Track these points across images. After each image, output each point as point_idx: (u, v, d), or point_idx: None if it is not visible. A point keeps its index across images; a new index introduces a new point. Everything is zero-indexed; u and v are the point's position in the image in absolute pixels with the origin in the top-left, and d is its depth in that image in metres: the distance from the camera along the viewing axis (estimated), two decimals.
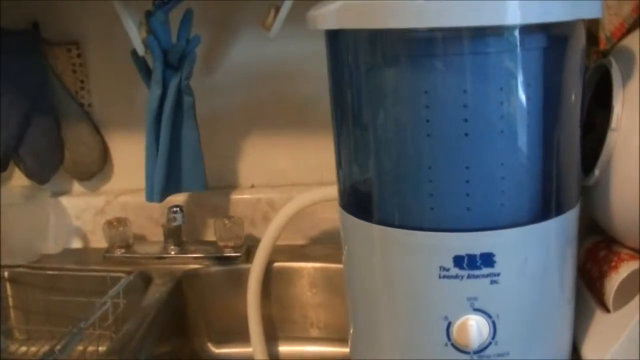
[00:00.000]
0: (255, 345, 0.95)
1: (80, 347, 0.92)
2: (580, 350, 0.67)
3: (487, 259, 0.56)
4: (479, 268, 0.56)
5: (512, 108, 0.56)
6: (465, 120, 0.55)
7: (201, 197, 1.07)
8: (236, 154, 1.10)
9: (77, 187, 1.15)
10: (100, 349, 0.92)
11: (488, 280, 0.56)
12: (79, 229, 1.13)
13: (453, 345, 0.58)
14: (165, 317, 0.93)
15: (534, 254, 0.58)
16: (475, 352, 0.58)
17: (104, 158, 1.12)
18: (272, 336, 1.01)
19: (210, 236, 1.07)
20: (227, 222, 1.01)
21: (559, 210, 0.59)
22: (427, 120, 0.56)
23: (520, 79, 0.56)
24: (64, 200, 1.13)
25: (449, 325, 0.58)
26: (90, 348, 0.93)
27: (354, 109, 0.61)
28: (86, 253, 1.11)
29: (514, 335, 0.59)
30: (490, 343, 0.58)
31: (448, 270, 0.56)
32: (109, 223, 1.05)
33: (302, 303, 1.00)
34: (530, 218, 0.58)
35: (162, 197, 0.98)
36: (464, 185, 0.57)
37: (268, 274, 0.98)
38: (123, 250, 1.05)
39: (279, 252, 0.98)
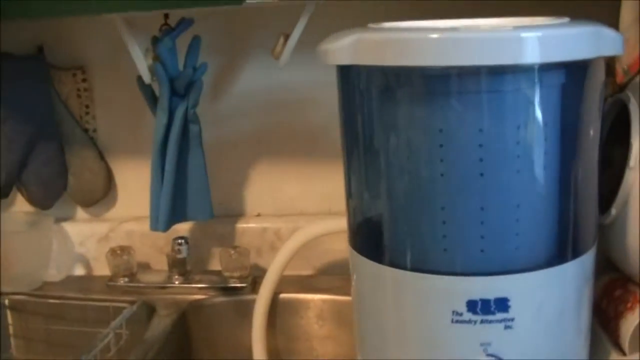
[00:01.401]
0: None
1: None
2: None
3: (502, 304, 0.54)
4: (492, 313, 0.54)
5: (529, 147, 0.54)
6: (481, 159, 0.54)
7: (207, 225, 1.06)
8: (243, 182, 1.08)
9: (80, 213, 1.14)
10: None
11: (502, 325, 0.54)
12: (82, 255, 1.12)
13: None
14: (169, 349, 0.91)
15: (550, 298, 0.55)
16: None
17: (109, 184, 1.11)
18: None
19: (215, 266, 1.05)
20: (232, 252, 0.99)
21: (576, 253, 0.57)
22: (441, 160, 0.54)
23: (537, 117, 0.54)
24: (67, 227, 1.11)
25: None
26: None
27: (365, 145, 0.60)
28: (89, 281, 1.09)
29: None
30: None
31: (461, 315, 0.54)
32: (113, 251, 1.03)
33: (309, 335, 0.98)
34: (547, 261, 0.56)
35: (167, 226, 0.96)
36: (478, 227, 0.55)
37: (274, 305, 0.96)
38: (127, 279, 1.03)
39: (286, 282, 0.96)
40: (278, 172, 1.07)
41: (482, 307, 0.54)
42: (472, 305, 0.54)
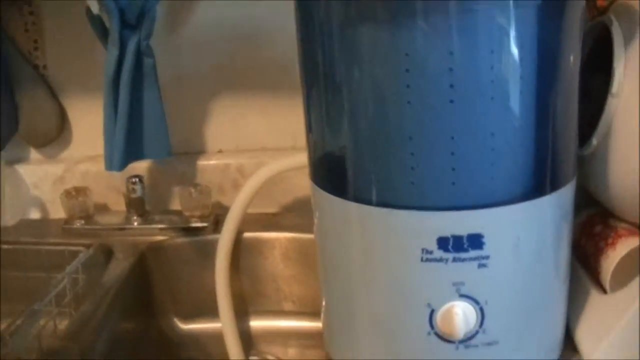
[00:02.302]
0: (225, 321, 0.89)
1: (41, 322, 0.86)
2: (574, 335, 0.62)
3: (475, 241, 0.50)
4: (465, 250, 0.50)
5: (504, 72, 0.50)
6: (451, 85, 0.49)
7: (166, 164, 1.01)
8: (203, 118, 1.03)
9: (34, 154, 1.08)
10: (60, 327, 0.86)
11: (476, 263, 0.51)
12: (37, 198, 1.07)
13: (437, 334, 0.53)
14: (127, 293, 0.87)
15: (527, 234, 0.52)
16: (461, 342, 0.53)
17: (62, 123, 1.05)
18: (243, 311, 0.95)
19: (176, 205, 1.01)
20: (192, 190, 0.95)
21: (555, 185, 0.53)
22: (408, 86, 0.50)
23: (512, 39, 0.50)
24: (20, 169, 1.06)
25: (432, 312, 0.53)
26: (50, 324, 0.86)
27: (325, 72, 0.55)
28: (45, 225, 1.04)
29: (504, 322, 0.53)
30: (477, 332, 0.53)
31: (431, 252, 0.51)
32: (67, 193, 0.98)
33: (275, 276, 0.95)
34: (524, 194, 0.52)
35: (122, 166, 0.91)
36: (449, 158, 0.51)
37: (238, 245, 0.92)
38: (83, 222, 0.98)
39: (250, 221, 0.92)
40: (240, 107, 1.02)
41: (454, 244, 0.50)
42: (443, 243, 0.50)
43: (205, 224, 0.95)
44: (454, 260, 0.50)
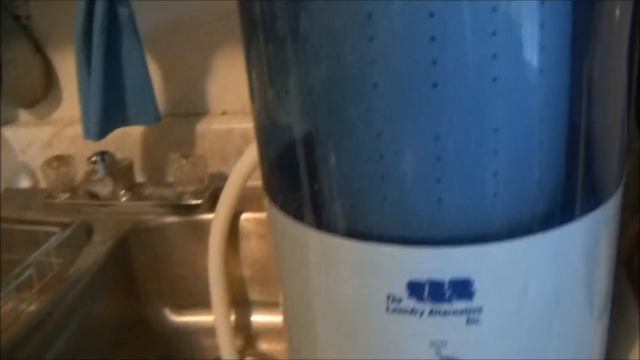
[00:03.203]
0: (217, 312, 0.77)
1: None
2: None
3: (462, 288, 0.35)
4: (447, 301, 0.35)
5: (513, 42, 0.34)
6: (434, 62, 0.34)
7: (162, 129, 0.88)
8: (204, 72, 0.89)
9: (24, 116, 0.97)
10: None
11: (463, 318, 0.35)
12: (26, 165, 0.95)
13: None
14: (102, 283, 0.75)
15: (542, 276, 0.36)
16: None
17: (48, 81, 0.93)
18: (242, 301, 0.83)
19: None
20: (184, 161, 0.81)
21: (591, 204, 0.37)
22: (373, 61, 0.35)
23: None
24: (7, 132, 0.94)
25: None
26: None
27: (266, 43, 0.40)
28: (31, 195, 0.93)
29: None
30: None
31: (400, 301, 0.36)
32: (49, 163, 0.86)
33: None
34: (541, 221, 0.36)
35: (102, 134, 0.79)
36: (432, 165, 0.35)
37: (236, 225, 0.80)
38: (67, 195, 0.86)
39: (249, 198, 0.77)
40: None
41: (432, 292, 0.35)
42: (415, 289, 0.35)
43: (198, 201, 0.82)
44: (432, 313, 0.35)
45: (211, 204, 0.82)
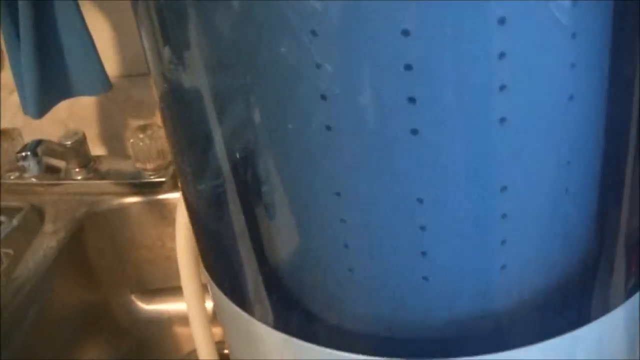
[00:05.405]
0: (190, 298, 0.67)
1: None
2: None
3: None
4: None
5: (530, 71, 0.23)
6: (411, 100, 0.23)
7: (116, 92, 0.76)
8: None
9: None
10: None
11: None
12: None
13: None
14: (60, 273, 0.67)
15: None
16: None
17: None
18: None
19: None
20: (141, 135, 0.70)
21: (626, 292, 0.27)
22: (323, 98, 0.24)
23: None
24: None
25: None
26: None
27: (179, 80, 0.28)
28: None
29: None
30: None
31: None
32: None
33: None
34: (563, 322, 0.26)
35: (43, 109, 0.68)
36: (414, 248, 0.25)
37: None
38: (16, 174, 0.76)
39: None
40: None
41: None
42: None
43: (161, 179, 0.71)
44: None
45: (175, 181, 0.72)
